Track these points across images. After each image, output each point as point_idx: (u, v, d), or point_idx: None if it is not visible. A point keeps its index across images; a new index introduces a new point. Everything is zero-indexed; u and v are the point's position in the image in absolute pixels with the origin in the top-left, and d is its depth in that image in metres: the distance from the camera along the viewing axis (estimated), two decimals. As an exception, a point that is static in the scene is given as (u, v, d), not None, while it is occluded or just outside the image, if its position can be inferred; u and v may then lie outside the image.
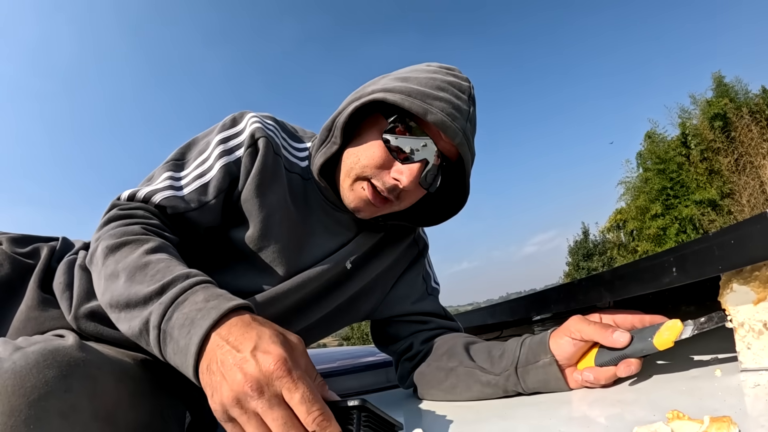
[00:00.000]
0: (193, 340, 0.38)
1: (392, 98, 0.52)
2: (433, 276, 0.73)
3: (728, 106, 10.17)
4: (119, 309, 0.45)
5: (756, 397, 0.35)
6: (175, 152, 0.59)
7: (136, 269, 0.46)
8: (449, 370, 0.59)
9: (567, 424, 0.39)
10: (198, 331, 0.39)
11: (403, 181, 0.53)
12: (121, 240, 0.49)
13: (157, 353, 0.42)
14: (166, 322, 0.41)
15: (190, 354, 0.38)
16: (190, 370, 0.39)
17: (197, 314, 0.40)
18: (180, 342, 0.39)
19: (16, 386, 0.34)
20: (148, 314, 0.42)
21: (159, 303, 0.42)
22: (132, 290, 0.44)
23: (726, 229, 0.38)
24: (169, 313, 0.41)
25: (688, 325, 0.45)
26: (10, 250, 0.59)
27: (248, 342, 0.37)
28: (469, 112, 0.55)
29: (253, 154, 0.56)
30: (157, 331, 0.41)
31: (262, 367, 0.35)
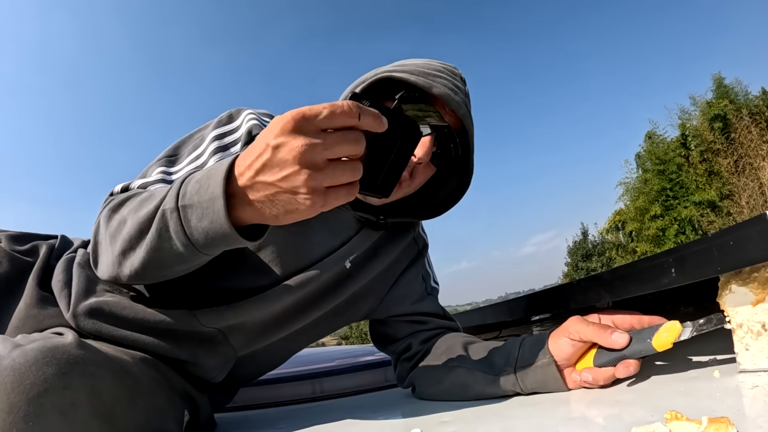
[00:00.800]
0: (216, 182, 0.37)
1: (399, 75, 0.54)
2: (432, 275, 0.72)
3: (728, 108, 10.18)
4: (135, 241, 0.43)
5: (754, 398, 0.35)
6: (169, 148, 0.58)
7: (142, 201, 0.45)
8: (448, 369, 0.59)
9: (565, 424, 0.39)
10: (217, 177, 0.37)
11: (418, 154, 0.54)
12: (120, 200, 0.49)
13: (183, 243, 0.40)
14: (182, 198, 0.39)
15: (218, 197, 0.36)
16: (222, 214, 0.36)
17: (209, 172, 0.39)
18: (203, 200, 0.38)
19: (15, 383, 0.34)
20: (162, 209, 0.40)
21: (170, 191, 0.41)
22: (141, 213, 0.43)
23: (725, 230, 0.38)
24: (182, 191, 0.40)
25: (687, 326, 0.45)
26: (9, 248, 0.59)
27: (261, 146, 0.35)
28: (465, 91, 0.58)
29: None
30: (176, 213, 0.39)
31: (287, 133, 0.33)
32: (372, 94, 0.58)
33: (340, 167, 0.35)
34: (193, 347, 0.55)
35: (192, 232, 0.40)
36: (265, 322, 0.58)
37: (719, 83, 10.72)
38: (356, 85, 0.58)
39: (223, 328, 0.55)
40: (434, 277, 0.73)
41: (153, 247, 0.42)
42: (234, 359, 0.60)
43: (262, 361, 0.67)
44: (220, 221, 0.38)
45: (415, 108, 0.55)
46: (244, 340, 0.58)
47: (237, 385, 0.70)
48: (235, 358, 0.60)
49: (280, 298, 0.57)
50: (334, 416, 0.57)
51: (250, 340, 0.59)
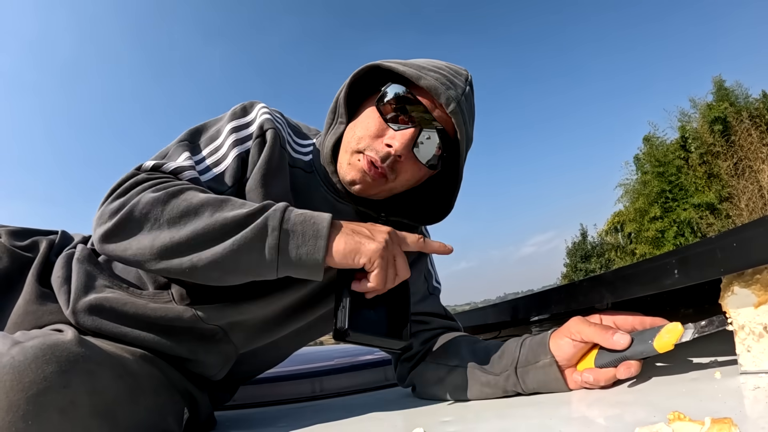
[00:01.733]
0: (323, 225, 0.46)
1: (387, 64, 0.54)
2: (434, 275, 0.72)
3: (728, 110, 10.19)
4: (214, 236, 0.46)
5: (756, 399, 0.35)
6: (186, 134, 0.57)
7: (220, 201, 0.48)
8: (449, 369, 0.59)
9: (567, 424, 0.38)
10: (324, 222, 0.46)
11: (395, 146, 0.53)
12: (180, 187, 0.49)
13: (271, 258, 0.45)
14: (286, 222, 0.46)
15: (322, 237, 0.46)
16: (322, 252, 0.45)
17: (314, 215, 0.47)
18: (307, 233, 0.46)
19: (15, 381, 0.34)
20: (264, 221, 0.45)
21: (273, 210, 0.47)
22: (227, 215, 0.46)
23: (728, 232, 0.38)
24: (286, 216, 0.46)
25: (689, 328, 0.45)
26: (9, 243, 0.58)
27: (368, 225, 0.50)
28: (465, 90, 0.54)
29: (260, 144, 0.56)
30: (278, 233, 0.45)
31: (383, 237, 0.48)
32: (367, 85, 0.58)
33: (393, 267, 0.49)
34: (193, 344, 0.55)
35: (287, 253, 0.46)
36: (266, 320, 0.58)
37: (720, 86, 10.72)
38: (348, 79, 0.57)
39: (224, 325, 0.55)
40: (436, 276, 0.73)
41: (234, 252, 0.45)
42: (235, 357, 0.60)
43: (262, 359, 0.66)
44: (317, 255, 0.46)
45: (399, 98, 0.54)
46: (245, 338, 0.58)
47: (237, 383, 0.70)
48: (236, 356, 0.60)
49: (282, 295, 0.56)
50: (334, 415, 0.57)
51: (251, 337, 0.59)
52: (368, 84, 0.58)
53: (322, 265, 0.46)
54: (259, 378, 0.75)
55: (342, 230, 0.47)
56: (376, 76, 0.57)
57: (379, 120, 0.54)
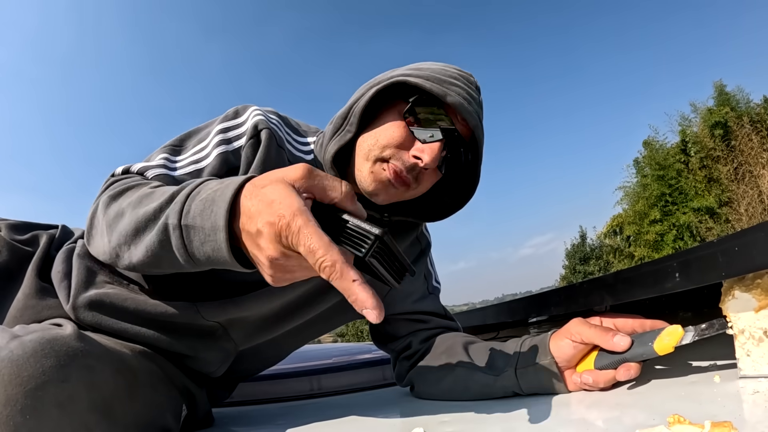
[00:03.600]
0: (219, 215, 0.36)
1: (414, 80, 0.54)
2: (434, 275, 0.72)
3: (729, 115, 10.19)
4: (131, 238, 0.43)
5: (755, 403, 0.35)
6: (175, 138, 0.58)
7: (143, 197, 0.45)
8: (448, 369, 0.58)
9: (565, 425, 0.39)
10: (221, 206, 0.36)
11: (424, 159, 0.53)
12: (122, 188, 0.49)
13: (183, 260, 0.40)
14: (185, 217, 0.39)
15: (220, 229, 0.36)
16: (224, 248, 0.36)
17: (215, 194, 0.38)
18: (206, 226, 0.37)
19: (13, 375, 0.34)
20: (164, 220, 0.40)
21: (174, 203, 0.40)
22: (140, 212, 0.43)
23: (730, 236, 0.38)
24: (186, 207, 0.39)
25: (689, 331, 0.45)
26: (9, 237, 0.58)
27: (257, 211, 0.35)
28: (479, 100, 0.58)
29: (254, 145, 0.55)
30: (179, 231, 0.39)
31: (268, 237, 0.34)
32: (386, 97, 0.57)
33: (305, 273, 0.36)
34: (193, 341, 0.55)
35: (194, 251, 0.39)
36: (266, 317, 0.58)
37: (720, 90, 10.73)
38: (370, 86, 0.57)
39: (224, 322, 0.55)
40: (436, 276, 0.73)
41: (153, 252, 0.42)
42: (234, 354, 0.59)
43: (262, 356, 0.66)
44: (221, 251, 0.37)
45: (427, 111, 0.55)
46: (245, 335, 0.58)
47: (236, 381, 0.70)
48: (235, 353, 0.59)
49: (283, 292, 0.56)
50: (332, 413, 0.57)
51: (251, 334, 0.59)
52: (386, 95, 0.57)
53: (232, 261, 0.38)
54: (257, 375, 0.75)
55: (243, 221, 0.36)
56: (395, 88, 0.56)
57: (405, 131, 0.54)
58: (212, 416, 0.62)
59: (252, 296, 0.55)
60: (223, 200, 0.37)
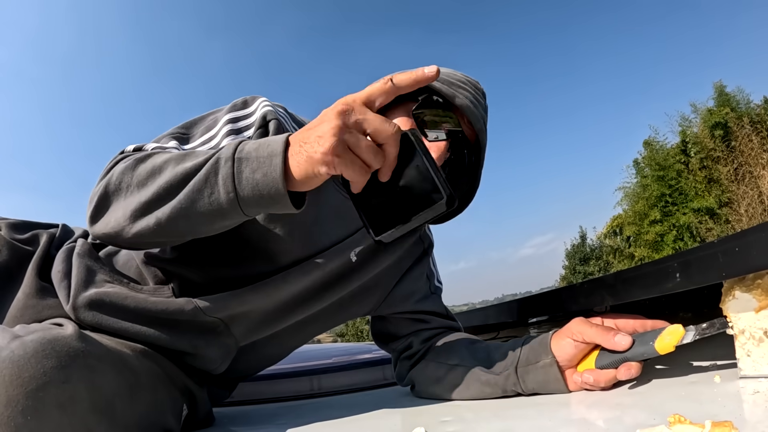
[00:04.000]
0: (277, 144, 0.40)
1: None
2: (436, 275, 0.72)
3: (729, 116, 10.19)
4: (173, 188, 0.43)
5: (755, 403, 0.35)
6: (181, 125, 0.57)
7: (183, 155, 0.45)
8: (449, 368, 0.59)
9: (566, 425, 0.39)
10: (278, 140, 0.41)
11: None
12: (146, 153, 0.48)
13: (228, 189, 0.41)
14: (239, 152, 0.42)
15: (277, 154, 0.40)
16: (279, 170, 0.40)
17: (268, 138, 0.42)
18: (261, 155, 0.41)
19: (14, 376, 0.34)
20: (216, 158, 0.42)
21: (227, 146, 0.43)
22: (186, 164, 0.43)
23: (730, 236, 0.38)
24: (240, 147, 0.42)
25: (690, 330, 0.45)
26: (9, 236, 0.58)
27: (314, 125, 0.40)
28: (484, 106, 0.59)
29: (263, 135, 0.55)
30: (231, 162, 0.41)
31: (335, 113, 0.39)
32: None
33: (363, 151, 0.40)
34: (194, 337, 0.54)
35: (242, 181, 0.41)
36: (267, 312, 0.58)
37: (720, 91, 10.73)
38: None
39: (225, 317, 0.55)
40: (438, 276, 0.73)
41: (191, 193, 0.42)
42: (235, 350, 0.59)
43: (263, 354, 0.66)
44: (274, 175, 0.40)
45: (433, 112, 0.56)
46: (246, 330, 0.58)
47: (236, 380, 0.70)
48: (236, 349, 0.59)
49: (284, 286, 0.56)
50: (332, 413, 0.57)
51: (252, 330, 0.59)
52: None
53: (283, 187, 0.40)
54: (257, 375, 0.75)
55: (296, 145, 0.41)
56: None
57: (414, 127, 0.55)
58: (213, 416, 0.62)
59: (253, 289, 0.54)
60: (280, 137, 0.41)
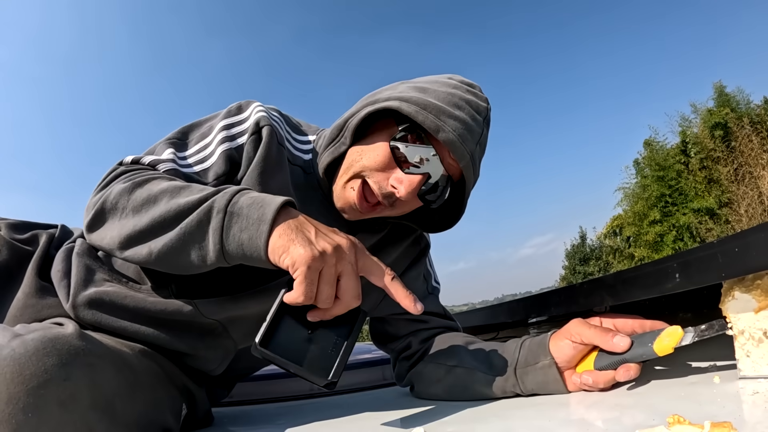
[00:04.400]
0: (269, 209, 0.42)
1: (407, 109, 0.52)
2: (433, 275, 0.72)
3: (729, 116, 10.19)
4: (166, 223, 0.45)
5: (754, 404, 0.35)
6: (177, 131, 0.58)
7: (179, 188, 0.47)
8: (448, 369, 0.59)
9: (565, 426, 0.39)
10: (272, 205, 0.42)
11: (400, 191, 0.53)
12: (146, 177, 0.49)
13: (215, 240, 0.43)
14: (233, 205, 0.43)
15: (266, 221, 0.42)
16: (263, 237, 0.41)
17: (265, 198, 0.44)
18: (251, 216, 0.42)
19: (15, 374, 0.34)
20: (210, 204, 0.44)
21: (223, 193, 0.45)
22: (180, 201, 0.45)
23: (730, 237, 0.38)
24: (235, 199, 0.44)
25: (689, 331, 0.45)
26: (9, 236, 0.58)
27: (323, 228, 0.44)
28: (480, 135, 0.55)
29: (256, 141, 0.56)
30: (222, 215, 0.43)
31: (325, 245, 0.42)
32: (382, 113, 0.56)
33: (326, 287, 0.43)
34: (193, 339, 0.55)
35: (229, 237, 0.43)
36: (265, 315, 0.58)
37: (720, 91, 10.73)
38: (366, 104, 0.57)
39: (223, 319, 0.55)
40: (435, 276, 0.73)
41: (183, 236, 0.44)
42: (234, 351, 0.60)
43: None
44: (258, 242, 0.42)
45: (415, 142, 0.54)
46: (245, 333, 0.58)
47: (235, 380, 0.70)
48: (235, 351, 0.59)
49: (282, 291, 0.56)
50: (332, 413, 0.57)
51: (251, 333, 0.59)
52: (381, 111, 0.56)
53: (264, 255, 0.42)
54: (256, 375, 0.75)
55: (289, 222, 0.42)
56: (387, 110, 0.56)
57: (390, 157, 0.54)
58: (212, 415, 0.62)
59: (251, 293, 0.55)
60: (275, 202, 0.43)
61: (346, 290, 0.43)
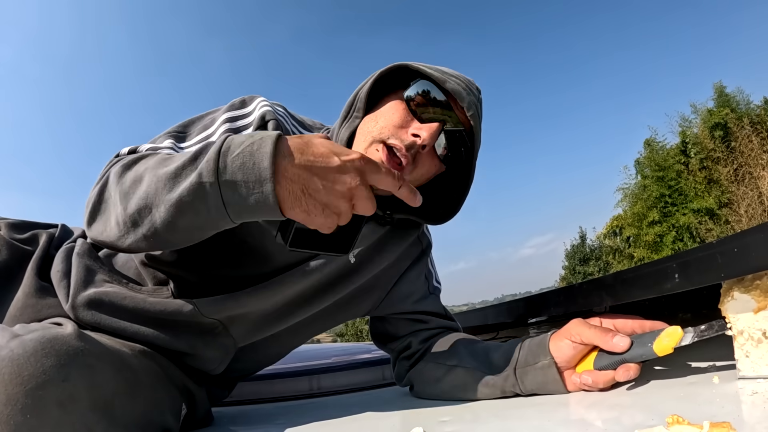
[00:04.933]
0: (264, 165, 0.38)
1: (415, 65, 0.55)
2: (434, 275, 0.72)
3: (729, 116, 10.20)
4: (152, 200, 0.42)
5: (753, 404, 0.35)
6: (178, 124, 0.57)
7: (160, 161, 0.44)
8: (447, 369, 0.59)
9: (565, 426, 0.39)
10: (264, 157, 0.38)
11: (423, 136, 0.53)
12: (134, 158, 0.48)
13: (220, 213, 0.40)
14: (223, 173, 0.39)
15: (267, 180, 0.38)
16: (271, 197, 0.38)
17: (252, 147, 0.39)
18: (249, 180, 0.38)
19: (14, 374, 0.34)
20: (196, 178, 0.40)
21: (205, 161, 0.40)
22: (161, 173, 0.42)
23: (729, 237, 0.38)
24: (221, 164, 0.39)
25: (688, 332, 0.45)
26: (9, 236, 0.58)
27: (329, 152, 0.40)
28: (477, 97, 0.58)
29: None
30: (216, 187, 0.39)
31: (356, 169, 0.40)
32: (388, 83, 0.58)
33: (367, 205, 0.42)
34: (192, 338, 0.55)
35: (235, 206, 0.40)
36: (266, 313, 0.58)
37: (720, 92, 10.73)
38: (373, 75, 0.58)
39: (223, 318, 0.55)
40: (436, 276, 0.73)
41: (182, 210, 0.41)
42: (234, 351, 0.60)
43: (261, 354, 0.66)
44: (267, 201, 0.39)
45: (427, 95, 0.55)
46: (245, 332, 0.58)
47: (235, 380, 0.70)
48: (235, 350, 0.60)
49: (282, 288, 0.56)
50: (332, 413, 0.57)
51: (250, 331, 0.59)
52: (389, 82, 0.58)
53: (277, 209, 0.39)
54: (256, 375, 0.75)
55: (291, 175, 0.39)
56: (398, 76, 0.57)
57: (406, 112, 0.54)
58: (212, 415, 0.62)
59: (251, 291, 0.55)
60: (265, 152, 0.38)
61: (361, 209, 0.42)
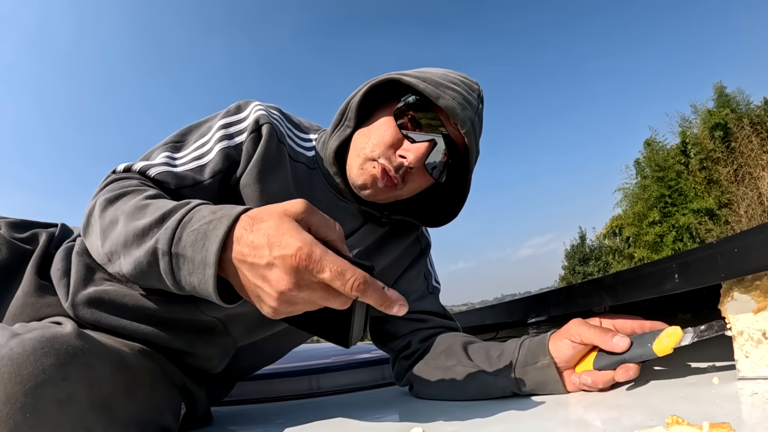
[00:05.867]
0: (211, 250, 0.37)
1: (407, 79, 0.54)
2: (434, 275, 0.72)
3: (729, 117, 10.20)
4: (120, 250, 0.43)
5: (753, 405, 0.35)
6: (175, 134, 0.58)
7: (136, 209, 0.45)
8: (447, 368, 0.59)
9: (564, 426, 0.39)
10: (214, 241, 0.37)
11: (409, 158, 0.54)
12: (119, 192, 0.49)
13: (170, 283, 0.41)
14: (176, 245, 0.39)
15: (210, 265, 0.37)
16: (210, 284, 0.37)
17: (208, 226, 0.38)
18: (196, 259, 0.38)
19: (13, 373, 0.34)
20: (154, 243, 0.41)
21: (164, 228, 0.40)
22: (131, 226, 0.43)
23: (729, 237, 0.38)
24: (177, 235, 0.39)
25: (688, 332, 0.45)
26: (9, 235, 0.58)
27: (263, 244, 0.35)
28: (477, 108, 0.57)
29: (255, 140, 0.56)
30: (168, 257, 0.40)
31: (284, 269, 0.34)
32: (383, 95, 0.58)
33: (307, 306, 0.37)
34: (192, 337, 0.55)
35: (181, 279, 0.40)
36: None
37: (720, 92, 10.74)
38: (366, 83, 0.58)
39: (223, 317, 0.55)
40: (435, 276, 0.73)
41: (141, 269, 0.43)
42: (234, 350, 0.60)
43: (261, 353, 0.66)
44: (207, 285, 0.38)
45: (418, 112, 0.56)
46: (244, 330, 0.58)
47: (234, 379, 0.70)
48: (234, 349, 0.60)
49: None
50: (331, 413, 0.57)
51: (250, 330, 0.59)
52: (382, 93, 0.58)
53: (215, 296, 0.38)
54: (255, 374, 0.75)
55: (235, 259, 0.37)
56: (392, 87, 0.58)
57: (395, 130, 0.56)
58: (211, 415, 0.62)
59: None
60: (216, 236, 0.37)
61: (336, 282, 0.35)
